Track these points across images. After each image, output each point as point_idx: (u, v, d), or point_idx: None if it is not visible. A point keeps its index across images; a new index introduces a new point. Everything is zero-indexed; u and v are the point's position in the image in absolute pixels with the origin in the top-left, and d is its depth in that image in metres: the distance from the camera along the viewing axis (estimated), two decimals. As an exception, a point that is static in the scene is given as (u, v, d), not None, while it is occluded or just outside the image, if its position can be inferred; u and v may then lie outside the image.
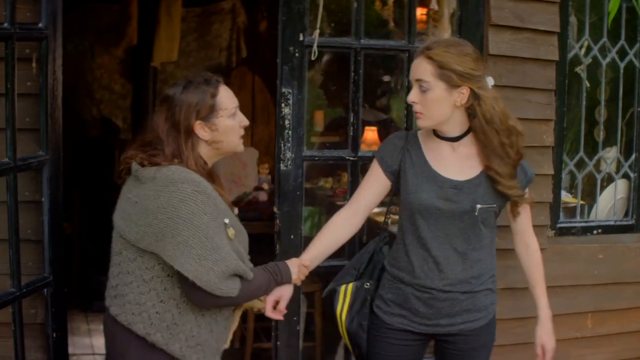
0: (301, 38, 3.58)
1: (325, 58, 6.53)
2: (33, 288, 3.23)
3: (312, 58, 3.58)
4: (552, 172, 4.18)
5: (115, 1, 7.28)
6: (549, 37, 4.08)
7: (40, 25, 3.15)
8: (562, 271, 4.19)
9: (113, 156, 6.83)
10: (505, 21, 3.97)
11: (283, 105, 3.59)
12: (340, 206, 3.38)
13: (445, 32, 5.28)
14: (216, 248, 2.56)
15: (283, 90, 3.59)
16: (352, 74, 3.71)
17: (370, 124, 6.20)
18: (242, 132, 2.77)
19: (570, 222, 4.42)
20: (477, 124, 2.91)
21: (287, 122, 3.60)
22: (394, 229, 3.32)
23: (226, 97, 2.73)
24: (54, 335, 3.33)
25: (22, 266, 3.17)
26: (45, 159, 3.24)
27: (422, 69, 2.85)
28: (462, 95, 2.88)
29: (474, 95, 2.87)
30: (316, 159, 3.83)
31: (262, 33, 7.66)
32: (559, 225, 4.31)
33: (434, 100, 2.86)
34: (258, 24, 7.75)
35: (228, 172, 6.72)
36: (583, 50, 4.37)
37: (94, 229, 6.27)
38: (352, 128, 3.75)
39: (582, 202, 4.53)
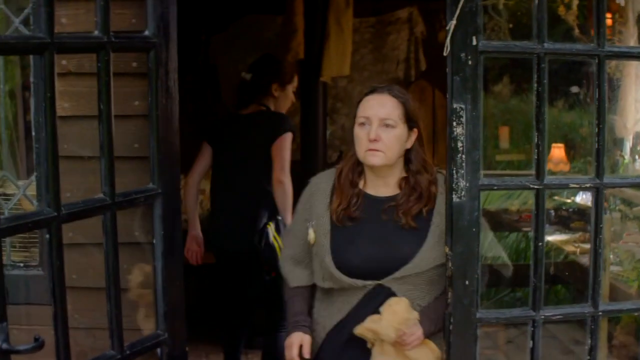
0: (474, 42, 2.96)
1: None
2: (140, 348, 2.65)
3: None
4: None
5: (280, 12, 6.98)
6: None
7: (146, 32, 2.61)
8: None
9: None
10: None
11: (455, 124, 2.97)
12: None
13: (631, 37, 4.63)
14: (287, 232, 3.23)
15: (454, 105, 2.95)
16: (535, 85, 3.04)
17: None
18: (368, 144, 2.80)
19: None
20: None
21: (459, 144, 2.99)
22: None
23: (362, 106, 2.85)
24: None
25: (132, 320, 2.65)
26: (156, 192, 2.67)
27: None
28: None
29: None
30: (495, 187, 3.19)
31: (442, 43, 6.82)
32: None
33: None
34: (437, 34, 7.40)
35: None
36: None
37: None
38: (536, 150, 3.09)
39: None
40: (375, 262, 2.80)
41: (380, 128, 2.78)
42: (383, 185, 2.91)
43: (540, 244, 3.12)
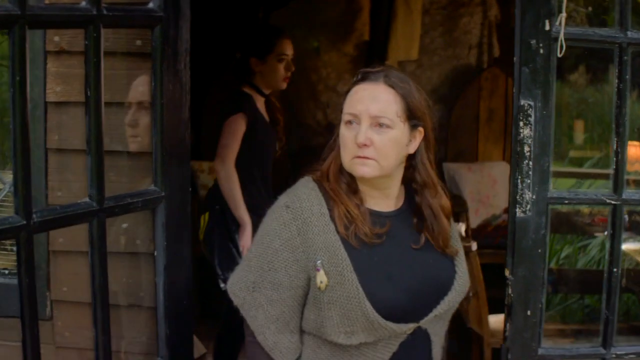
0: (547, 27, 2.58)
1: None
2: (136, 378, 2.26)
3: (559, 55, 2.59)
4: None
5: None
6: None
7: (150, 5, 2.18)
8: None
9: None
10: None
11: (521, 124, 2.61)
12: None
13: None
14: (260, 286, 2.16)
15: (522, 102, 2.59)
16: (616, 81, 2.65)
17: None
18: (355, 150, 2.14)
19: None
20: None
21: (526, 148, 2.64)
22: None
23: (350, 99, 2.19)
24: None
25: (136, 343, 2.38)
26: (160, 196, 2.26)
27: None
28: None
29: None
30: (566, 201, 2.84)
31: None
32: None
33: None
34: (512, 18, 6.63)
35: (474, 190, 6.46)
36: None
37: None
38: (614, 159, 2.72)
39: None
40: (418, 297, 2.18)
41: (372, 129, 2.12)
42: (382, 198, 2.26)
43: (615, 270, 2.69)
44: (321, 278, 2.07)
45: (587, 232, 5.78)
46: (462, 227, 4.68)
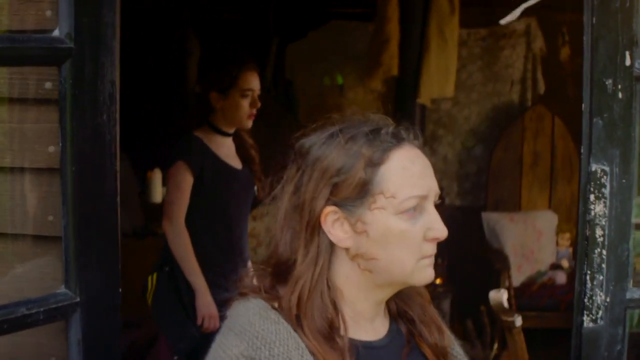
0: (628, 62, 2.06)
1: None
2: None
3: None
4: None
5: (370, 19, 6.39)
6: None
7: (56, 33, 1.57)
8: None
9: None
10: None
11: (592, 197, 2.08)
12: None
13: None
14: None
15: (593, 167, 2.06)
16: None
17: None
18: (427, 247, 1.53)
19: None
20: None
21: (598, 231, 2.09)
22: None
23: (398, 175, 1.50)
24: None
25: None
26: (73, 302, 1.64)
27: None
28: None
29: None
30: None
31: (564, 63, 6.76)
32: None
33: None
34: (559, 50, 6.82)
35: (517, 244, 6.16)
36: None
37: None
38: None
39: None
40: None
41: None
42: (378, 317, 1.61)
43: None
44: None
45: None
46: (504, 296, 4.07)
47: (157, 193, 5.40)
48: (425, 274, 1.52)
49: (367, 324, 1.55)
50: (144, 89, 5.55)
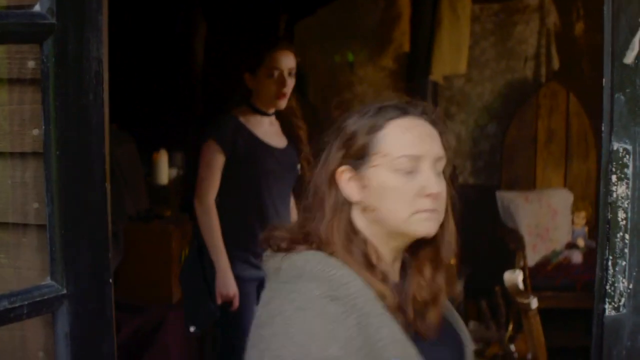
0: None
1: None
2: None
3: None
4: None
5: None
6: None
7: (37, 8, 1.49)
8: None
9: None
10: None
11: (614, 178, 2.02)
12: None
13: None
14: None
15: (615, 146, 1.99)
16: None
17: None
18: (421, 202, 1.74)
19: None
20: None
21: (620, 214, 2.04)
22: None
23: (402, 138, 1.74)
24: None
25: None
26: (59, 295, 1.56)
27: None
28: None
29: None
30: None
31: (578, 38, 6.65)
32: None
33: None
34: (573, 26, 6.72)
35: (532, 223, 6.10)
36: None
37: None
38: None
39: None
40: None
41: (438, 176, 1.81)
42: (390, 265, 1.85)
43: None
44: None
45: None
46: (519, 277, 4.02)
47: (163, 175, 5.35)
48: (422, 226, 1.73)
49: (387, 267, 1.77)
50: (149, 69, 5.50)
